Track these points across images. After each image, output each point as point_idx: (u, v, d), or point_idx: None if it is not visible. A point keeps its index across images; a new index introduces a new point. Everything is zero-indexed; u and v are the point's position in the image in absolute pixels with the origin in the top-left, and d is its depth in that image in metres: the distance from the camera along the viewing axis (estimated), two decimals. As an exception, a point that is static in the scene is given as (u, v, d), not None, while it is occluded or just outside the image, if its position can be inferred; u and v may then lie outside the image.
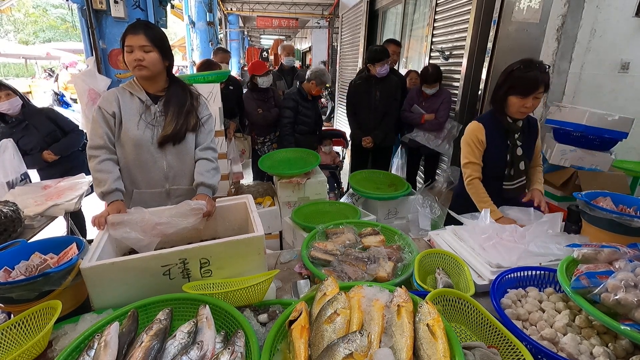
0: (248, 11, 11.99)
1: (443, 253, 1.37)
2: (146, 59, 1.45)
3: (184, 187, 1.66)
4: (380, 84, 3.15)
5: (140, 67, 1.46)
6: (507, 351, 0.89)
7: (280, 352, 0.84)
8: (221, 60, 3.92)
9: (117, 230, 1.27)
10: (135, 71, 1.47)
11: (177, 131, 1.55)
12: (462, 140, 1.82)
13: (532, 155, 1.86)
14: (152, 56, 1.47)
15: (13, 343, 0.94)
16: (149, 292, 1.06)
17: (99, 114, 1.50)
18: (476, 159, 1.77)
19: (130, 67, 1.47)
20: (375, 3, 5.96)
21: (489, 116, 1.79)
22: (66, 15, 18.65)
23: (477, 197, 1.76)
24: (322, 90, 3.51)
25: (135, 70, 1.47)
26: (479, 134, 1.75)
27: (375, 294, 0.93)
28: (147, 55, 1.45)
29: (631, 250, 1.04)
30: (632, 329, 0.83)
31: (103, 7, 3.46)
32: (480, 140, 1.75)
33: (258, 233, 1.19)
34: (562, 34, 2.47)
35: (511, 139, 1.75)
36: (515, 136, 1.74)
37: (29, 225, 1.97)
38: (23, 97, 2.69)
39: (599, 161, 2.31)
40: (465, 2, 3.35)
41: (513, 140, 1.75)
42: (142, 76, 1.50)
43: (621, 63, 2.58)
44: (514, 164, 1.77)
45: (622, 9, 2.44)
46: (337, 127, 7.92)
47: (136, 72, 1.48)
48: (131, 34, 1.44)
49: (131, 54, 1.44)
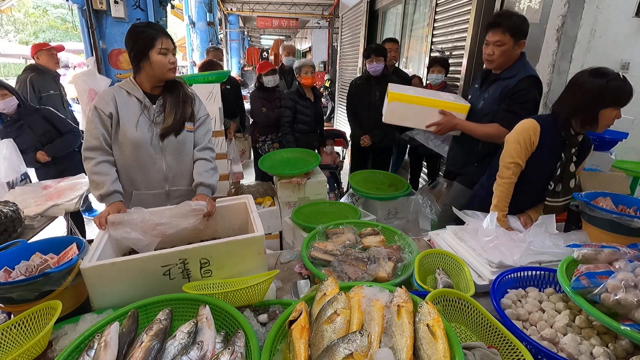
0: (248, 11, 11.99)
1: (443, 253, 1.37)
2: (175, 62, 1.54)
3: (183, 188, 1.66)
4: (380, 84, 3.15)
5: (173, 70, 1.54)
6: (507, 351, 0.89)
7: (280, 352, 0.84)
8: (214, 58, 3.95)
9: (117, 230, 1.27)
10: (168, 73, 1.52)
11: (178, 120, 1.57)
12: (511, 137, 1.62)
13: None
14: (176, 60, 1.56)
15: (13, 343, 0.94)
16: (149, 292, 1.06)
17: (95, 114, 1.49)
18: (522, 161, 1.60)
19: (162, 70, 1.50)
20: (375, 3, 5.96)
21: (550, 119, 1.59)
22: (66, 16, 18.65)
23: (499, 202, 1.63)
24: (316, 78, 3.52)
25: (169, 73, 1.52)
26: (532, 134, 1.56)
27: (375, 294, 0.93)
28: (175, 59, 1.54)
29: (631, 251, 1.04)
30: (632, 329, 0.83)
31: (103, 7, 3.46)
32: (533, 141, 1.56)
33: (258, 233, 1.19)
34: (562, 34, 2.46)
35: (567, 152, 1.56)
36: (572, 150, 1.56)
37: (29, 225, 1.97)
38: (20, 97, 2.71)
39: (599, 161, 2.31)
40: (465, 2, 3.35)
41: (569, 154, 1.56)
42: (170, 79, 1.56)
43: (621, 63, 2.57)
44: (563, 179, 1.59)
45: (622, 9, 2.44)
46: (337, 127, 7.92)
47: (169, 75, 1.53)
48: (164, 36, 1.49)
49: (166, 56, 1.49)
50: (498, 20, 1.77)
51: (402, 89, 2.20)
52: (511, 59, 1.84)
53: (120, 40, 3.64)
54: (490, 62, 1.86)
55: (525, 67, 1.86)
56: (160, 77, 1.52)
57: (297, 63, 3.32)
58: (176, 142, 1.58)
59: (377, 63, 3.06)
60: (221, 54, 4.07)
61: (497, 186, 1.65)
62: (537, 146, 1.57)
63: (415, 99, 2.06)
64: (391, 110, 2.13)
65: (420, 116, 2.06)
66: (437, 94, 2.23)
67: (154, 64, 1.48)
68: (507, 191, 1.62)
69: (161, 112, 1.56)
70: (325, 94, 9.24)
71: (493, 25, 1.79)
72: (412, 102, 2.07)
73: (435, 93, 2.25)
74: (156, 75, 1.51)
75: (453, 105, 2.03)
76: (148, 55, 1.46)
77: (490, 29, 1.81)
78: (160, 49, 1.46)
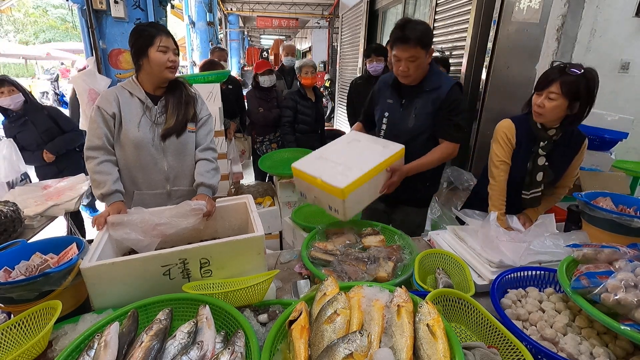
0: (248, 11, 11.99)
1: (443, 253, 1.37)
2: (176, 62, 1.52)
3: (184, 188, 1.66)
4: (379, 85, 3.15)
5: (172, 69, 1.51)
6: (507, 351, 0.89)
7: (280, 352, 0.84)
8: (219, 58, 3.94)
9: (117, 231, 1.27)
10: (166, 72, 1.50)
11: (180, 122, 1.57)
12: (493, 138, 1.71)
13: (562, 172, 1.70)
14: (178, 60, 1.54)
15: (13, 343, 0.94)
16: (149, 292, 1.05)
17: (97, 114, 1.49)
18: (508, 159, 1.67)
19: (160, 68, 1.48)
20: (375, 3, 5.96)
21: (524, 117, 1.67)
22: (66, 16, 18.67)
23: (495, 201, 1.67)
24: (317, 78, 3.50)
25: (166, 72, 1.50)
26: (508, 133, 1.65)
27: (375, 294, 0.93)
28: (177, 58, 1.52)
29: (631, 250, 1.04)
30: (632, 329, 0.83)
31: (103, 7, 3.46)
32: (510, 138, 1.65)
33: (258, 233, 1.19)
34: (562, 34, 2.46)
35: (536, 146, 1.63)
36: (540, 144, 1.62)
37: (29, 225, 1.97)
38: (26, 94, 2.75)
39: (599, 161, 2.31)
40: (465, 2, 3.35)
41: (537, 148, 1.63)
42: (169, 78, 1.54)
43: (621, 63, 2.57)
44: (532, 173, 1.66)
45: (622, 9, 2.44)
46: (337, 127, 7.92)
47: (167, 73, 1.51)
48: (164, 34, 1.47)
49: (166, 54, 1.48)
50: (406, 35, 1.59)
51: (310, 167, 1.56)
52: (425, 70, 1.73)
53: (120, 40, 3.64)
54: (405, 77, 1.72)
55: (442, 75, 1.80)
56: (159, 75, 1.50)
57: (298, 63, 3.32)
58: (178, 143, 1.58)
59: (377, 63, 3.06)
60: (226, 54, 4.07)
61: (490, 187, 1.70)
62: (515, 143, 1.66)
63: (362, 178, 1.47)
64: (346, 206, 1.46)
65: (370, 190, 1.58)
66: (354, 147, 1.69)
67: (152, 62, 1.47)
68: (501, 190, 1.67)
69: (163, 112, 1.56)
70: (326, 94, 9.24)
71: (402, 40, 1.61)
72: (361, 184, 1.47)
73: (350, 147, 1.70)
74: (154, 73, 1.50)
75: (393, 157, 1.62)
76: (147, 52, 1.46)
77: (398, 44, 1.63)
78: (159, 46, 1.46)
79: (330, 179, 1.42)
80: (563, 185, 1.76)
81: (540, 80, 1.53)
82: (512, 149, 1.67)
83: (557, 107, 1.49)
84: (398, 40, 1.63)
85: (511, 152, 1.67)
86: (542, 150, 1.62)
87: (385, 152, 1.60)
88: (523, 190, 1.70)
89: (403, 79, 1.74)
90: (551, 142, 1.61)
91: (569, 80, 1.45)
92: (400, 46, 1.63)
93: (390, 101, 1.84)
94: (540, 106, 1.52)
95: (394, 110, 1.83)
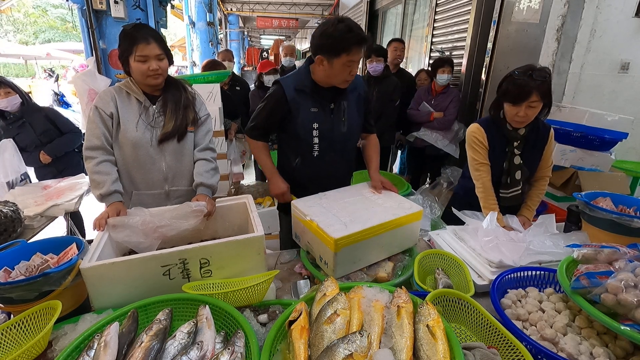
0: (248, 11, 12.01)
1: (443, 254, 1.37)
2: (161, 67, 1.46)
3: (183, 188, 1.66)
4: (378, 85, 3.15)
5: (156, 77, 1.47)
6: (507, 351, 0.89)
7: (280, 353, 0.84)
8: (223, 58, 3.93)
9: (119, 233, 1.26)
10: (149, 80, 1.47)
11: (178, 127, 1.55)
12: (467, 144, 1.78)
13: (536, 166, 1.77)
14: (165, 64, 1.49)
15: (13, 343, 0.94)
16: (149, 292, 1.05)
17: (96, 114, 1.48)
18: (485, 159, 1.72)
19: (142, 77, 1.45)
20: (375, 3, 5.96)
21: (490, 120, 1.74)
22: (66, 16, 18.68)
23: (486, 201, 1.70)
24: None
25: (149, 80, 1.46)
26: (479, 135, 1.72)
27: (375, 295, 0.93)
28: (162, 64, 1.47)
29: (631, 251, 1.04)
30: (632, 329, 0.83)
31: (103, 7, 3.47)
32: (481, 140, 1.71)
33: (258, 233, 1.19)
34: (562, 34, 2.47)
35: (510, 147, 1.70)
36: (514, 144, 1.69)
37: (29, 225, 1.97)
38: (24, 95, 2.72)
39: (599, 161, 2.31)
40: (465, 2, 3.35)
41: (512, 147, 1.70)
42: (157, 84, 1.51)
43: (621, 63, 2.58)
44: (510, 172, 1.72)
45: (622, 9, 2.44)
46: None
47: (151, 81, 1.47)
48: (143, 42, 1.41)
49: (145, 63, 1.43)
50: (363, 35, 1.47)
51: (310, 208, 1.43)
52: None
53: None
54: (349, 81, 1.59)
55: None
56: (142, 82, 1.49)
57: (298, 64, 3.32)
58: (176, 143, 1.58)
59: (377, 63, 3.06)
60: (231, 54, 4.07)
61: (477, 190, 1.76)
62: (488, 145, 1.73)
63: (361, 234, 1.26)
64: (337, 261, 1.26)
65: (371, 251, 1.35)
66: (366, 199, 1.54)
67: (132, 71, 1.46)
68: (487, 189, 1.73)
69: (161, 113, 1.55)
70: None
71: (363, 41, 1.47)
72: (358, 240, 1.27)
73: (360, 199, 1.54)
74: (138, 80, 1.49)
75: (405, 218, 1.39)
76: (128, 60, 1.45)
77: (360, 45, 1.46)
78: (137, 55, 1.42)
79: (325, 226, 1.26)
80: (542, 177, 1.81)
81: (514, 92, 1.57)
82: (487, 150, 1.73)
83: (537, 112, 1.58)
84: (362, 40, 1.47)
85: (487, 153, 1.74)
86: (517, 150, 1.70)
87: (399, 212, 1.40)
88: (501, 190, 1.76)
89: (347, 83, 1.59)
90: (523, 141, 1.70)
91: (544, 86, 1.52)
92: (360, 46, 1.47)
93: (314, 109, 1.63)
94: (523, 116, 1.59)
95: (322, 118, 1.64)
